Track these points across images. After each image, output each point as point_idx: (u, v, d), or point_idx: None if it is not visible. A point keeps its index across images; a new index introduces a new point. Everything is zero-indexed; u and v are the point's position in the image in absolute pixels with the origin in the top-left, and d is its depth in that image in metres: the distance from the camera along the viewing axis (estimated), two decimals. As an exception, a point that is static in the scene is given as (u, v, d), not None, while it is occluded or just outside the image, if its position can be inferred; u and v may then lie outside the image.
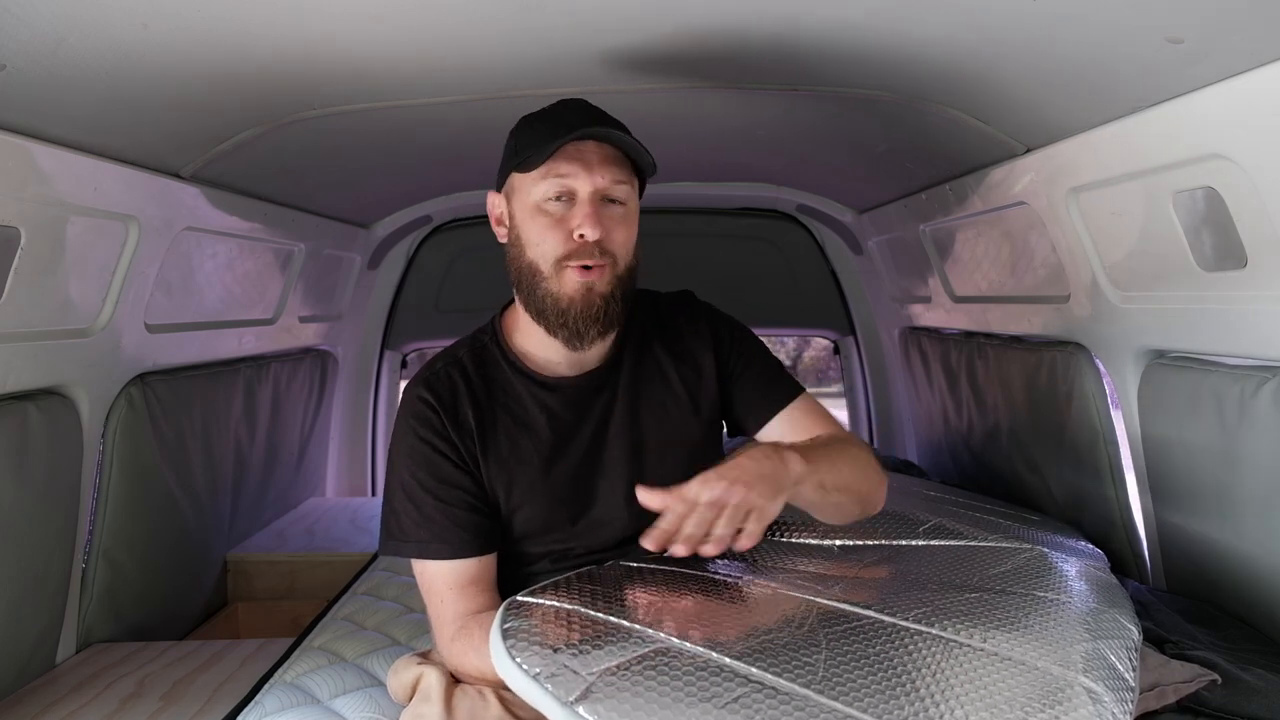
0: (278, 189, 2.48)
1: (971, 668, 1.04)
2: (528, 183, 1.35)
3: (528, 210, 1.36)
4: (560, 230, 1.33)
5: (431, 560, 1.36)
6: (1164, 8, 1.13)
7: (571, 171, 1.32)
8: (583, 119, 1.34)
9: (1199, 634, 1.53)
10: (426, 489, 1.37)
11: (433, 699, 1.31)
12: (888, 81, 1.70)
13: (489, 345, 1.47)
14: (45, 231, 1.68)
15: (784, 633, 1.08)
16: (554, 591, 1.17)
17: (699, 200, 3.46)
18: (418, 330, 3.74)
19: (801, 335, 4.36)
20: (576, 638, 1.05)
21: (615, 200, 1.36)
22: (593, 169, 1.32)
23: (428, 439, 1.39)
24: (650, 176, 1.42)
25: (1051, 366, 2.13)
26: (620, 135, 1.33)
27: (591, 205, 1.32)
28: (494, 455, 1.40)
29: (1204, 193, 1.44)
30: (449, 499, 1.37)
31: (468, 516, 1.37)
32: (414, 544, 1.37)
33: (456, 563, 1.36)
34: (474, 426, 1.40)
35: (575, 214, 1.33)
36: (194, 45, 1.38)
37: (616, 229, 1.35)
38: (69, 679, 1.87)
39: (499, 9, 1.34)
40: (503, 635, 1.07)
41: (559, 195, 1.33)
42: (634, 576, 1.24)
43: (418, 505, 1.37)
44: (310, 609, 2.36)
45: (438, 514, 1.36)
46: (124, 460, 2.11)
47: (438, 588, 1.37)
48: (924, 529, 1.55)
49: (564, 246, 1.33)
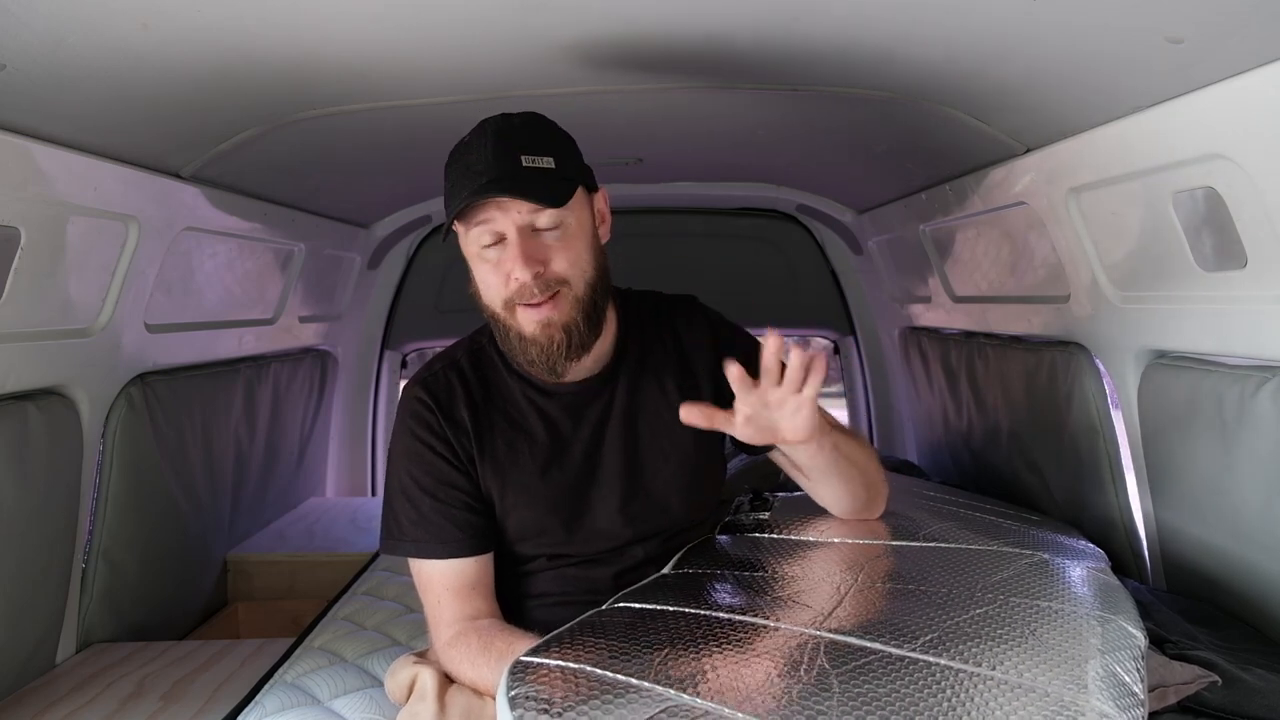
0: (278, 189, 2.48)
1: (984, 700, 1.03)
2: (463, 232, 1.33)
3: (473, 257, 1.35)
4: (499, 274, 1.31)
5: (428, 560, 1.37)
6: (1164, 8, 1.13)
7: (490, 215, 1.28)
8: (488, 164, 1.27)
9: (1199, 634, 1.53)
10: (424, 489, 1.38)
11: (428, 698, 1.31)
12: (888, 81, 1.70)
13: (486, 348, 1.47)
14: (45, 231, 1.68)
15: (793, 679, 1.06)
16: (559, 650, 1.14)
17: (699, 200, 3.46)
18: (418, 330, 3.74)
19: (801, 335, 4.36)
20: (584, 699, 1.03)
21: (547, 228, 1.30)
22: (508, 209, 1.27)
23: (424, 439, 1.39)
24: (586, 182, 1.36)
25: (1051, 366, 2.13)
26: (521, 179, 1.26)
27: (520, 244, 1.27)
28: (490, 457, 1.40)
29: (1204, 193, 1.44)
30: (446, 499, 1.37)
31: (464, 517, 1.37)
32: (411, 544, 1.37)
33: (453, 563, 1.36)
34: (470, 427, 1.40)
35: (507, 258, 1.29)
36: (194, 45, 1.38)
37: (556, 256, 1.30)
38: (69, 679, 1.87)
39: (499, 9, 1.34)
40: (510, 704, 1.04)
41: (493, 241, 1.30)
42: (638, 625, 1.21)
43: (415, 505, 1.37)
44: (310, 609, 2.36)
45: (434, 514, 1.37)
46: (124, 460, 2.11)
47: (435, 588, 1.37)
48: (924, 533, 1.55)
49: (506, 290, 1.31)
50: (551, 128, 1.36)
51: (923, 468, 3.14)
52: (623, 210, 3.66)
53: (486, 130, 1.32)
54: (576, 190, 1.33)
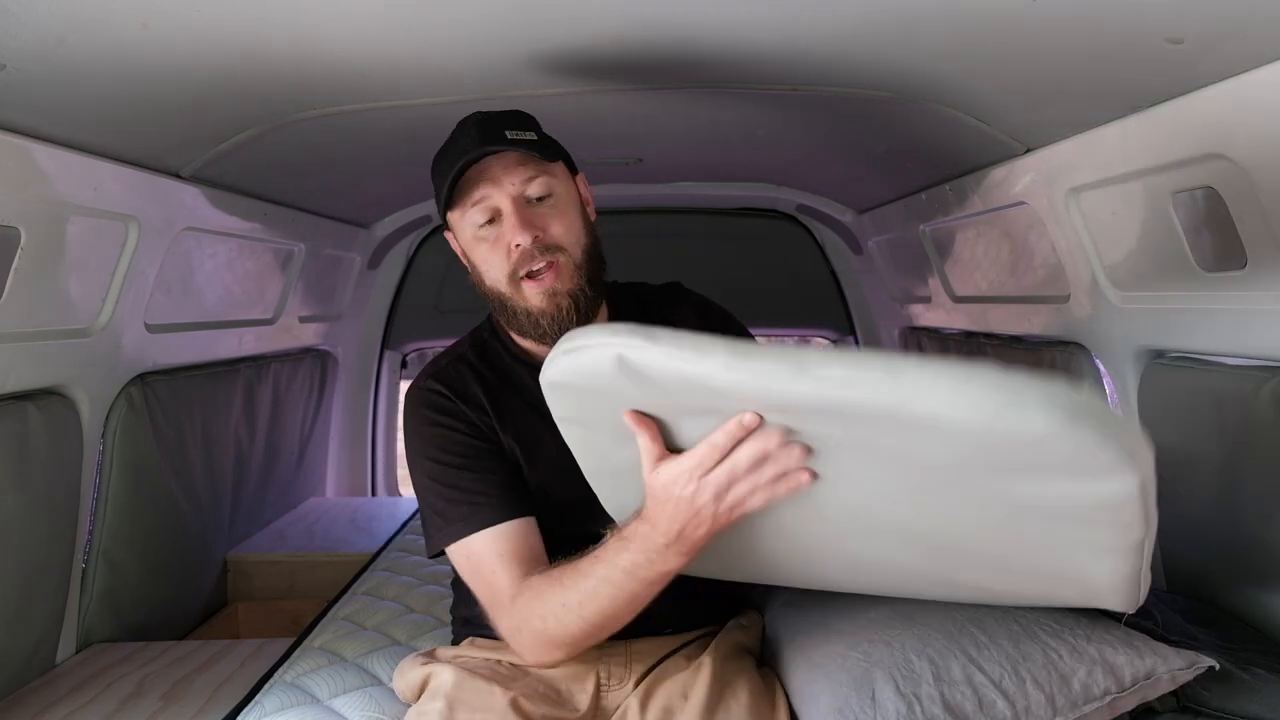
0: (278, 189, 2.48)
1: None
2: (458, 219, 1.38)
3: (469, 243, 1.39)
4: (499, 249, 1.35)
5: (474, 534, 1.33)
6: (1164, 8, 1.13)
7: (484, 192, 1.34)
8: (472, 141, 1.34)
9: (1199, 634, 1.53)
10: (455, 466, 1.37)
11: (439, 695, 1.31)
12: (888, 81, 1.70)
13: (489, 341, 1.49)
14: (45, 231, 1.68)
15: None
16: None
17: (699, 200, 3.46)
18: (418, 330, 3.74)
19: (801, 335, 4.36)
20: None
21: (539, 197, 1.36)
22: (500, 181, 1.33)
23: (442, 421, 1.39)
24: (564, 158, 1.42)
25: (1051, 366, 2.13)
26: (506, 146, 1.33)
27: (516, 214, 1.33)
28: (511, 429, 1.40)
29: (1204, 193, 1.44)
30: (478, 468, 1.36)
31: (501, 479, 1.36)
32: (459, 523, 1.34)
33: (503, 528, 1.32)
34: (488, 404, 1.41)
35: (505, 229, 1.34)
36: (194, 45, 1.38)
37: (551, 223, 1.36)
38: (69, 679, 1.87)
39: (499, 9, 1.34)
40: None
41: (488, 219, 1.35)
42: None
43: (451, 485, 1.36)
44: (310, 609, 2.36)
45: (473, 484, 1.35)
46: (124, 460, 2.11)
47: (488, 561, 1.32)
48: None
49: (508, 263, 1.35)
50: (530, 116, 1.42)
51: (923, 468, 3.13)
52: (623, 210, 3.67)
53: (467, 121, 1.38)
54: (560, 162, 1.40)
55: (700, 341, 0.95)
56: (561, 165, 1.41)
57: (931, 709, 1.22)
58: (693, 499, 1.05)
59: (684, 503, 1.06)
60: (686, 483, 1.05)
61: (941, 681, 1.25)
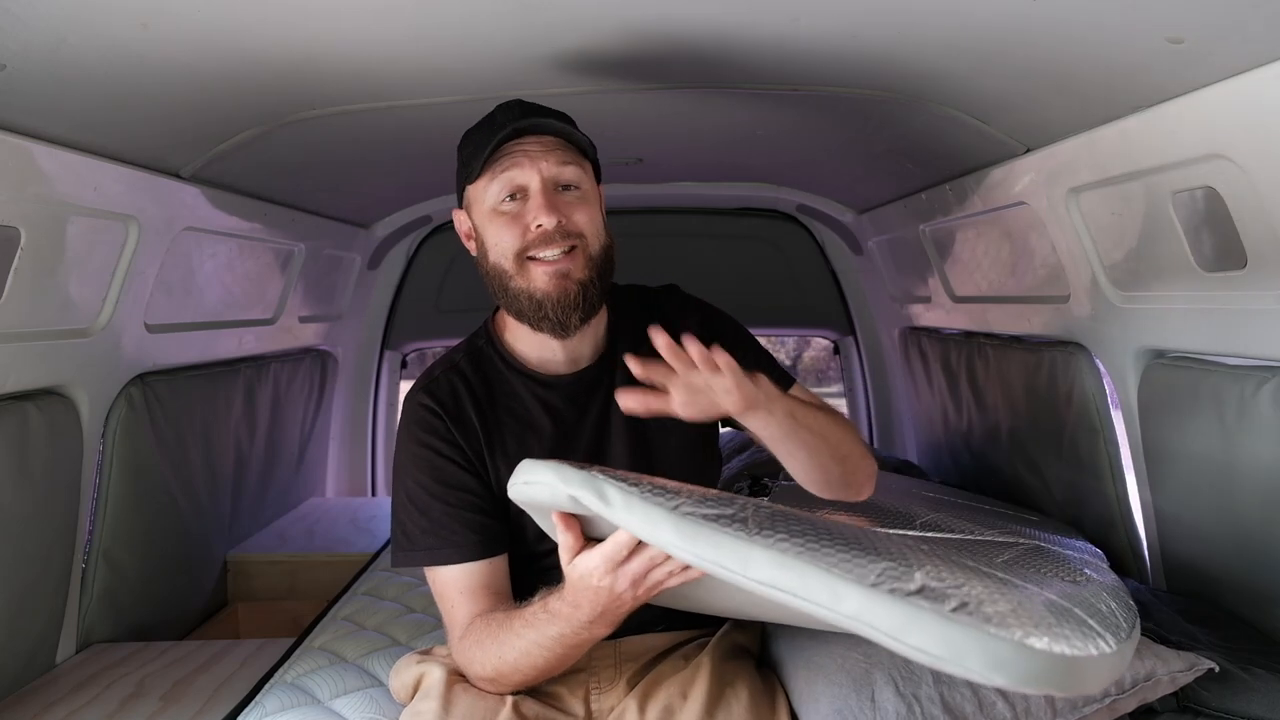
0: (278, 189, 2.48)
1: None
2: (480, 191, 1.38)
3: (486, 216, 1.38)
4: (516, 225, 1.35)
5: (443, 567, 1.36)
6: (1164, 8, 1.13)
7: (517, 164, 1.34)
8: (514, 116, 1.36)
9: (1199, 634, 1.53)
10: (433, 494, 1.37)
11: (432, 695, 1.31)
12: (888, 81, 1.70)
13: (484, 348, 1.48)
14: (45, 231, 1.68)
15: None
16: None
17: (699, 200, 3.46)
18: (418, 330, 3.74)
19: (801, 335, 4.36)
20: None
21: (569, 185, 1.37)
22: (536, 159, 1.34)
23: (431, 444, 1.39)
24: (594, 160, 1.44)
25: (1051, 366, 2.13)
26: (552, 123, 1.35)
27: (544, 195, 1.34)
28: (501, 455, 1.40)
29: (1204, 193, 1.44)
30: (455, 502, 1.37)
31: (475, 519, 1.37)
32: (424, 552, 1.37)
33: (467, 567, 1.36)
34: (479, 428, 1.40)
35: (530, 207, 1.34)
36: (194, 45, 1.38)
37: (576, 211, 1.36)
38: (69, 679, 1.87)
39: (500, 9, 1.34)
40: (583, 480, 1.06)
41: (512, 194, 1.35)
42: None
43: (424, 512, 1.37)
44: (310, 609, 2.36)
45: (445, 518, 1.36)
46: (124, 460, 2.11)
47: (449, 593, 1.36)
48: (920, 522, 1.55)
49: (521, 239, 1.35)
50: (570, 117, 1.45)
51: (923, 468, 3.14)
52: (623, 210, 3.67)
53: (509, 103, 1.41)
54: (591, 164, 1.42)
55: (650, 513, 1.01)
56: (591, 167, 1.43)
57: (931, 710, 1.23)
58: (611, 588, 1.13)
59: (603, 591, 1.14)
60: (603, 575, 1.12)
61: (941, 682, 1.25)
